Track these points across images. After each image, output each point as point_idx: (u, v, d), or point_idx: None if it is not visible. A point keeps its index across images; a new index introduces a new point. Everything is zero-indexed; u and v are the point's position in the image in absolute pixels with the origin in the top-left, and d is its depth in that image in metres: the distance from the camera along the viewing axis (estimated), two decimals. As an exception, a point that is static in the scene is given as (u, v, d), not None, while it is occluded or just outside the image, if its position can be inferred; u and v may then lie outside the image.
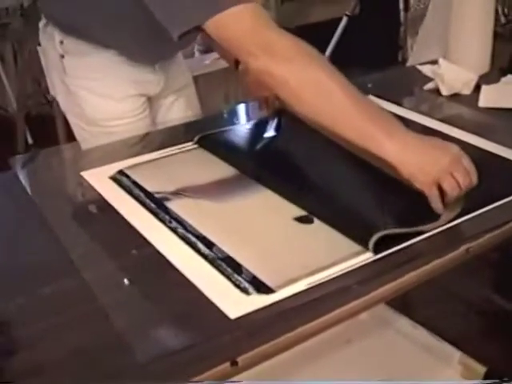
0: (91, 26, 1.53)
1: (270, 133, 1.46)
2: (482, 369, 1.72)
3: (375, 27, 3.89)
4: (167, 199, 1.22)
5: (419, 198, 1.13)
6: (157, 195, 1.23)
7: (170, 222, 1.14)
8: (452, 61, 1.85)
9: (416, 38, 3.53)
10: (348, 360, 1.76)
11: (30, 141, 3.80)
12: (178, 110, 1.82)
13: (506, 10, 2.57)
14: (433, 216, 1.13)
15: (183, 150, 1.47)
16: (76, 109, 1.65)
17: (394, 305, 1.85)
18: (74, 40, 1.56)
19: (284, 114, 1.46)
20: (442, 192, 1.12)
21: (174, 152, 1.45)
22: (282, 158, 1.38)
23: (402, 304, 1.92)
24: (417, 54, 2.26)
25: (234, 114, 1.82)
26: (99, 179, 1.31)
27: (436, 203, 1.12)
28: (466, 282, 2.14)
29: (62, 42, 1.57)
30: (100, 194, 1.26)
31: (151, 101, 1.73)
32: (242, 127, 1.61)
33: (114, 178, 1.32)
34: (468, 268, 1.12)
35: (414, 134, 1.15)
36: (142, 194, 1.24)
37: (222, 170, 1.35)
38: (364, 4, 3.59)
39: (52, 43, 1.60)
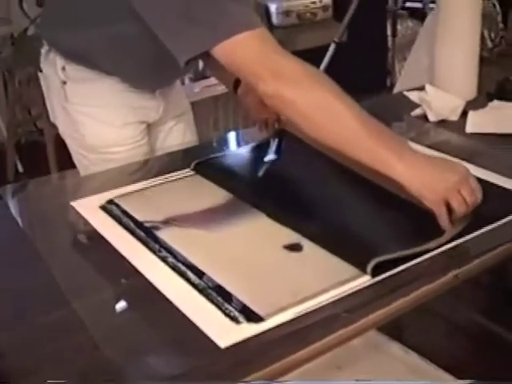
0: (94, 53, 1.53)
1: (270, 155, 1.48)
2: (474, 394, 1.71)
3: (363, 53, 3.92)
4: (157, 228, 1.22)
5: (422, 216, 1.17)
6: (146, 224, 1.23)
7: (160, 252, 1.14)
8: (439, 87, 1.87)
9: (404, 63, 3.56)
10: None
11: (20, 169, 3.79)
12: (177, 135, 1.83)
13: (492, 35, 2.59)
14: (436, 233, 1.16)
15: (179, 177, 1.47)
16: (76, 135, 1.65)
17: (385, 330, 1.85)
18: (77, 66, 1.56)
19: (284, 136, 1.49)
20: (448, 210, 1.16)
21: (168, 179, 1.46)
22: (281, 181, 1.40)
23: (394, 329, 1.91)
24: (404, 81, 2.28)
25: (229, 140, 1.84)
26: (89, 209, 1.32)
27: (444, 220, 1.16)
28: (458, 305, 2.15)
29: (63, 69, 1.58)
30: (90, 224, 1.26)
31: (150, 127, 1.74)
32: (240, 152, 1.62)
33: (103, 208, 1.32)
34: (460, 292, 1.13)
35: (422, 154, 1.20)
36: (131, 224, 1.24)
37: (212, 197, 1.35)
38: (352, 30, 3.61)
39: (54, 69, 1.60)
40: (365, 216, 1.25)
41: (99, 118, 1.61)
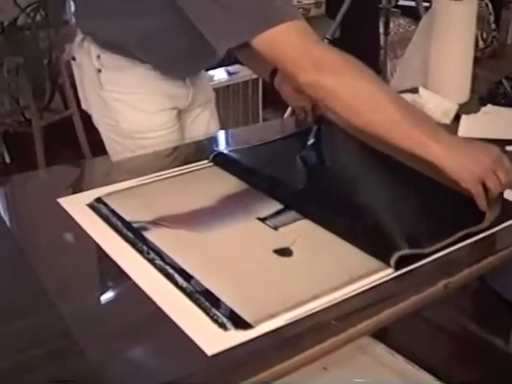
0: (129, 43, 1.57)
1: (310, 140, 1.53)
2: (459, 398, 1.72)
3: (356, 51, 3.90)
4: (145, 229, 1.20)
5: (462, 203, 1.23)
6: (134, 225, 1.21)
7: (148, 253, 1.13)
8: (432, 89, 1.86)
9: (395, 61, 3.55)
10: (325, 388, 1.75)
11: (7, 159, 3.76)
12: (202, 123, 1.87)
13: (484, 35, 2.59)
14: (477, 218, 1.20)
15: (193, 169, 1.48)
16: (110, 121, 1.68)
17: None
18: (111, 55, 1.60)
19: (323, 123, 1.55)
20: (485, 190, 1.21)
21: (181, 172, 1.46)
22: (310, 169, 1.44)
23: (380, 331, 1.91)
24: (398, 81, 2.27)
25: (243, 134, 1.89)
26: (76, 207, 1.29)
27: (481, 200, 1.21)
28: (444, 308, 2.14)
29: (99, 57, 1.62)
30: (77, 223, 1.23)
31: (178, 114, 1.77)
32: (266, 143, 1.60)
33: (91, 206, 1.30)
34: (448, 298, 1.12)
35: (458, 138, 1.28)
36: (119, 223, 1.22)
37: (204, 198, 1.33)
38: (344, 27, 3.60)
39: (88, 57, 1.63)
40: (398, 205, 1.27)
41: (134, 104, 1.65)
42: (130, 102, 1.64)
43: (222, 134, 1.91)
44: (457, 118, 1.75)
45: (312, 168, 1.45)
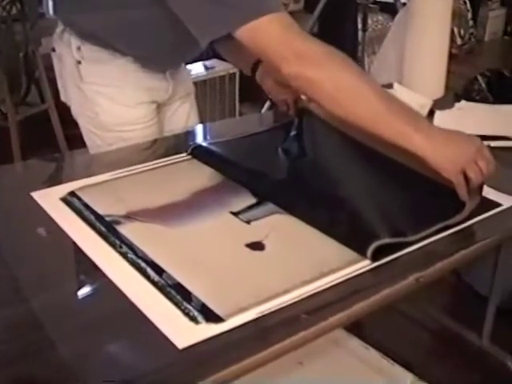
0: (111, 35, 1.56)
1: (292, 132, 1.53)
2: (432, 392, 1.73)
3: (334, 46, 3.91)
4: (118, 223, 1.20)
5: (442, 193, 1.25)
6: (107, 218, 1.21)
7: (121, 247, 1.12)
8: (407, 84, 1.87)
9: (373, 57, 3.56)
10: (300, 382, 1.76)
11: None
12: (182, 115, 1.87)
13: (461, 32, 2.60)
14: (457, 208, 1.21)
15: (171, 162, 1.48)
16: (90, 114, 1.68)
17: (346, 326, 1.85)
18: (92, 47, 1.60)
19: (305, 115, 1.54)
20: (465, 180, 1.23)
21: (160, 164, 1.47)
22: (291, 161, 1.46)
23: (355, 325, 1.92)
24: (374, 77, 2.27)
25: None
26: (50, 200, 1.29)
27: (462, 190, 1.23)
28: (419, 304, 2.16)
29: (79, 49, 1.61)
30: (50, 217, 1.23)
31: (158, 107, 1.77)
32: (247, 136, 1.61)
33: (64, 200, 1.29)
34: (421, 291, 1.13)
35: (440, 128, 1.27)
36: (92, 217, 1.22)
37: (178, 192, 1.33)
38: (323, 23, 3.60)
39: (68, 49, 1.63)
40: (379, 196, 1.28)
41: (113, 97, 1.65)
42: (110, 95, 1.64)
43: (200, 128, 1.91)
44: (431, 114, 1.76)
45: (293, 160, 1.46)
